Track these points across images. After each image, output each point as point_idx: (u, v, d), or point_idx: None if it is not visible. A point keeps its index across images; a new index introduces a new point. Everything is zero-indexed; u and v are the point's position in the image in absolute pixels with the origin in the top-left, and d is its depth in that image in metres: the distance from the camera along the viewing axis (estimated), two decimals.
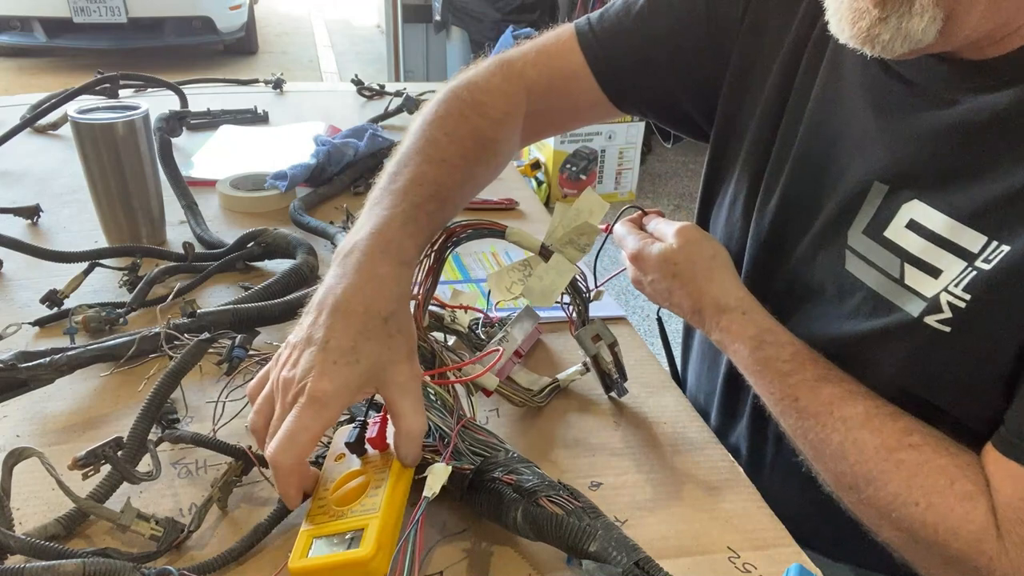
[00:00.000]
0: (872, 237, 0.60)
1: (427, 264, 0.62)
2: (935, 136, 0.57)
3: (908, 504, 0.54)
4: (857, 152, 0.62)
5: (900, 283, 0.58)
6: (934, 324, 0.55)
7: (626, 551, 0.45)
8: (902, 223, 0.58)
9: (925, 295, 0.56)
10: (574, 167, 3.27)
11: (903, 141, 0.59)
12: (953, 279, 0.54)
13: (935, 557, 0.54)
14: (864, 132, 0.62)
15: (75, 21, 4.73)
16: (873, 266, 0.60)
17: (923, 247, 0.57)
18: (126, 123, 0.89)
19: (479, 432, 0.55)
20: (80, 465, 0.51)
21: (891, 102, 0.60)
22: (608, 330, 0.68)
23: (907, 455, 0.54)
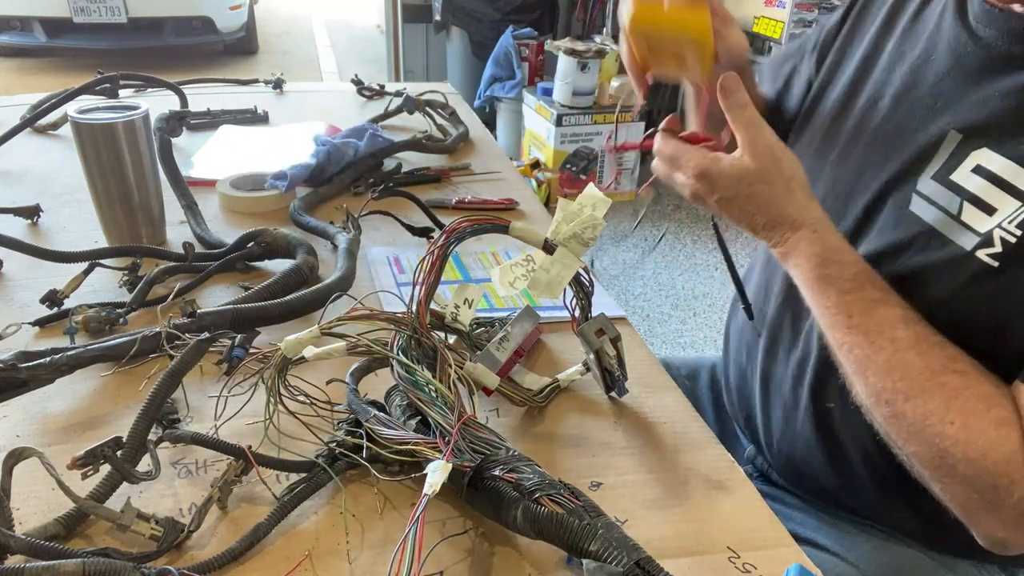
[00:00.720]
0: (939, 181, 0.64)
1: (429, 261, 0.62)
2: (1009, 93, 0.61)
3: (944, 422, 0.56)
4: (939, 108, 0.66)
5: (957, 219, 0.61)
6: (983, 258, 0.59)
7: (627, 550, 0.45)
8: (969, 168, 0.62)
9: (979, 230, 0.60)
10: (574, 167, 3.27)
11: (980, 97, 0.63)
12: (1007, 216, 0.58)
13: (957, 476, 0.56)
14: (947, 90, 0.66)
15: (75, 21, 4.73)
16: (935, 205, 0.64)
17: (983, 187, 0.60)
18: (126, 123, 0.89)
19: (480, 430, 0.55)
20: (79, 465, 0.51)
21: (971, 63, 0.65)
22: (611, 324, 0.68)
23: (950, 379, 0.57)
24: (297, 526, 0.55)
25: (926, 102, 0.68)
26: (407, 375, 0.60)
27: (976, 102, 0.64)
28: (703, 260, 2.94)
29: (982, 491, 0.55)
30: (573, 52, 3.09)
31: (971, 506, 0.57)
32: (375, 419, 0.59)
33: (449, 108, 1.45)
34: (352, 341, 0.61)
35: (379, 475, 0.58)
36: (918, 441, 0.58)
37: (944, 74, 0.67)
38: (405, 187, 1.09)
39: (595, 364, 0.69)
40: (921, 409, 0.57)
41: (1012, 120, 0.61)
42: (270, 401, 0.59)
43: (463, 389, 0.60)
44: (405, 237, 1.00)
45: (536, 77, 3.52)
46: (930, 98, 0.68)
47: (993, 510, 0.56)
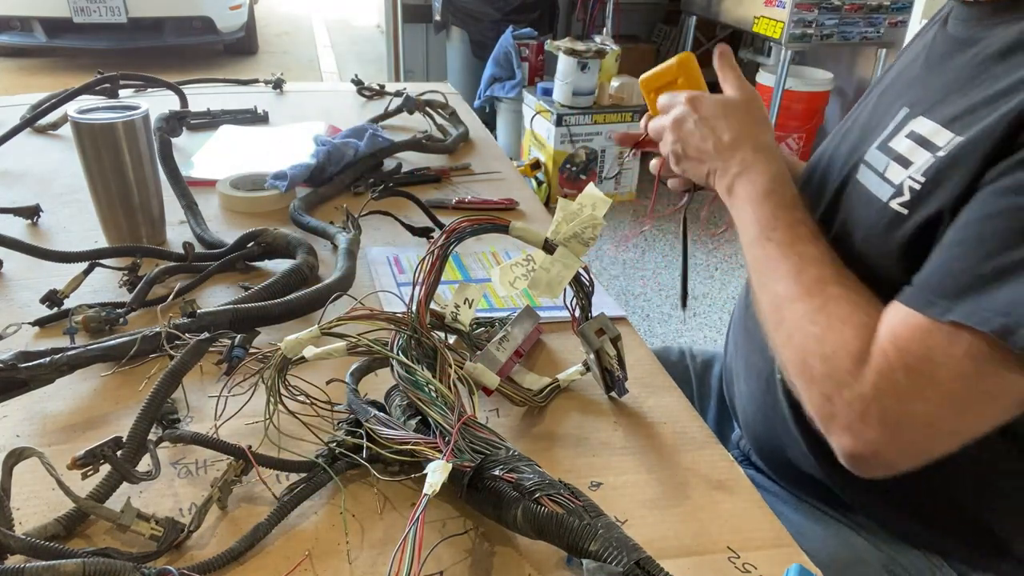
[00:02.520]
0: (879, 148, 0.69)
1: (430, 261, 0.62)
2: (953, 71, 0.66)
3: (814, 323, 0.60)
4: (902, 93, 0.72)
5: (882, 176, 0.66)
6: (896, 207, 0.63)
7: (627, 550, 0.45)
8: (904, 133, 0.67)
9: (894, 182, 0.64)
10: (574, 167, 3.27)
11: (931, 78, 0.69)
12: (918, 168, 0.62)
13: (815, 377, 0.59)
14: (912, 78, 0.72)
15: (75, 21, 4.73)
16: (872, 169, 0.69)
17: (908, 147, 0.65)
18: (126, 123, 0.89)
19: (480, 430, 0.55)
20: (79, 465, 0.51)
21: (937, 51, 0.70)
22: (611, 324, 0.68)
23: (833, 289, 0.62)
24: (297, 526, 0.55)
25: (894, 91, 0.74)
26: (407, 375, 0.60)
27: (928, 82, 0.69)
28: (703, 260, 2.94)
29: (825, 392, 0.58)
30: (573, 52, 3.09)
31: (824, 412, 0.59)
32: (375, 419, 0.59)
33: (449, 108, 1.45)
34: (352, 341, 0.61)
35: (379, 475, 0.58)
36: (791, 345, 0.62)
37: (916, 66, 0.73)
38: (405, 187, 1.09)
39: (595, 364, 0.69)
40: (799, 310, 0.62)
41: (947, 91, 0.65)
42: (270, 401, 0.59)
43: (463, 389, 0.60)
44: (405, 237, 1.00)
45: (536, 77, 3.52)
46: (897, 87, 0.74)
47: (836, 414, 0.58)
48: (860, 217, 0.68)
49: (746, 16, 3.41)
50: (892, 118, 0.70)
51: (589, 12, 4.08)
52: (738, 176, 0.72)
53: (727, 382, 0.91)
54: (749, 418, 0.84)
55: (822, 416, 0.59)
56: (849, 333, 0.58)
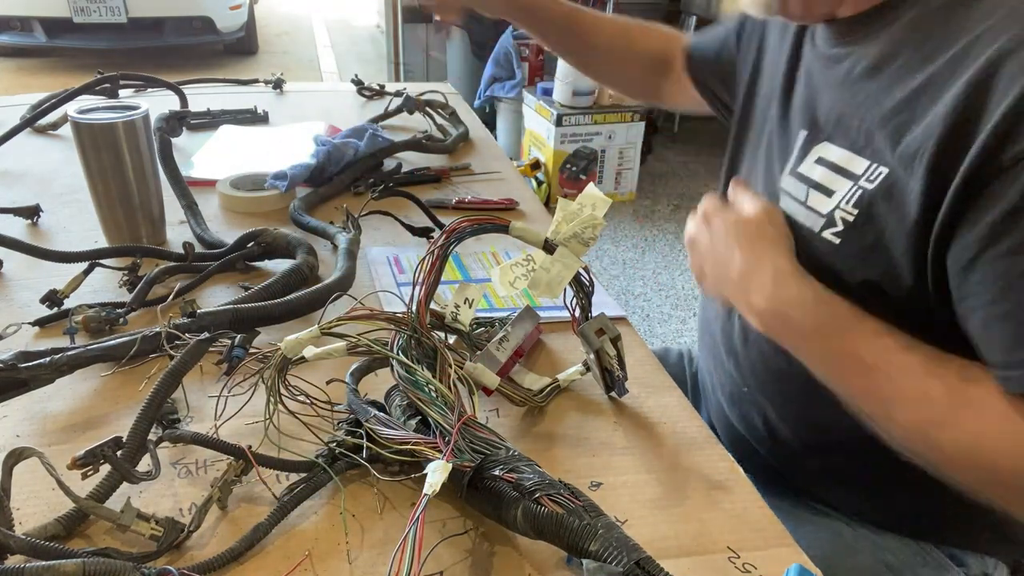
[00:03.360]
0: (793, 175, 0.72)
1: (430, 261, 0.62)
2: (834, 87, 0.69)
3: (977, 443, 0.54)
4: (794, 113, 0.75)
5: (804, 205, 0.69)
6: (828, 237, 0.66)
7: (627, 550, 0.45)
8: (812, 160, 0.70)
9: (822, 212, 0.67)
10: (574, 167, 3.27)
11: (818, 97, 0.72)
12: (843, 197, 0.65)
13: (1003, 485, 0.54)
14: (801, 97, 0.75)
15: (75, 21, 4.73)
16: (791, 197, 0.72)
17: (823, 175, 0.68)
18: (126, 123, 0.89)
19: (480, 430, 0.55)
20: (79, 465, 0.51)
21: (812, 70, 0.74)
22: (611, 324, 0.68)
23: (973, 392, 0.55)
24: (297, 526, 0.55)
25: (791, 111, 0.76)
26: (407, 375, 0.60)
27: (815, 102, 0.72)
28: None
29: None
30: None
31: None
32: (375, 419, 0.59)
33: (449, 108, 1.45)
34: (352, 341, 0.61)
35: (379, 475, 0.58)
36: (966, 466, 0.56)
37: (801, 84, 0.75)
38: (405, 187, 1.09)
39: (595, 364, 0.69)
40: (953, 436, 0.56)
41: (837, 114, 0.68)
42: (270, 401, 0.59)
43: (463, 389, 0.60)
44: (405, 237, 1.00)
45: (536, 77, 3.52)
46: (793, 107, 0.76)
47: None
48: (799, 248, 0.69)
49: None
50: (792, 141, 0.73)
51: None
52: (771, 315, 0.66)
53: (707, 376, 0.93)
54: (724, 411, 0.87)
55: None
56: (1011, 427, 0.53)
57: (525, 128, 3.50)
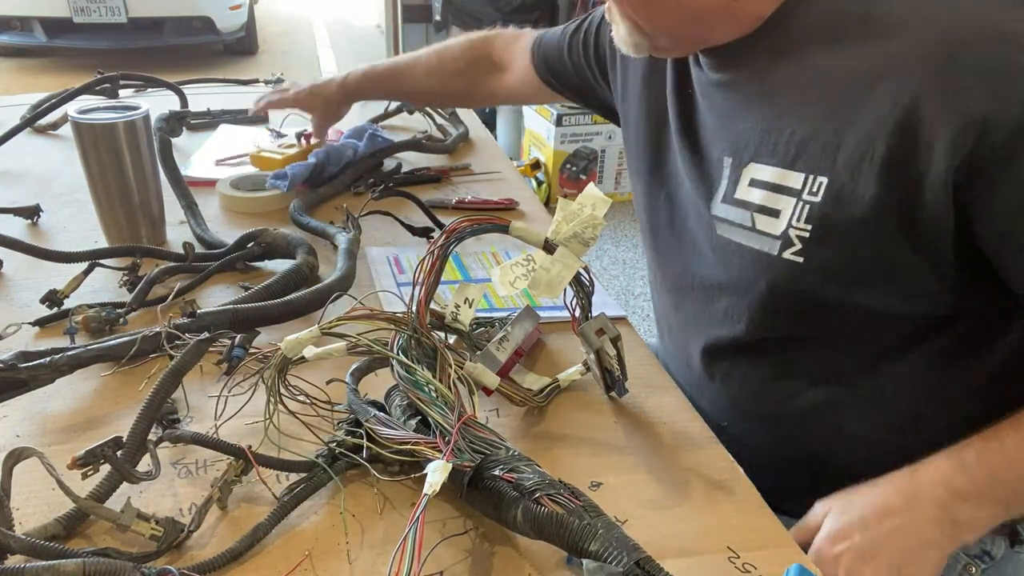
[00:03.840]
0: (728, 202, 0.71)
1: (430, 261, 0.62)
2: (744, 109, 0.70)
3: None
4: (708, 140, 0.75)
5: (754, 230, 0.69)
6: (790, 257, 0.66)
7: (627, 550, 0.45)
8: (746, 183, 0.69)
9: (774, 234, 0.67)
10: (574, 167, 3.27)
11: (732, 120, 0.71)
12: (792, 215, 0.65)
13: None
14: (707, 123, 0.75)
15: (75, 21, 4.73)
16: (734, 224, 0.71)
17: (764, 196, 0.68)
18: (126, 123, 0.89)
19: (480, 430, 0.55)
20: (79, 465, 0.51)
21: (711, 94, 0.74)
22: (611, 324, 0.68)
23: None
24: (297, 526, 0.55)
25: (701, 138, 0.75)
26: (407, 375, 0.60)
27: (730, 128, 0.71)
28: None
29: None
30: None
31: None
32: (375, 419, 0.59)
33: (449, 108, 1.45)
34: (352, 341, 0.61)
35: (379, 475, 0.58)
36: None
37: (704, 111, 0.75)
38: (405, 187, 1.09)
39: (595, 364, 0.69)
40: None
41: (757, 134, 0.68)
42: (270, 401, 0.59)
43: (463, 389, 0.60)
44: (405, 237, 1.00)
45: None
46: (702, 134, 0.75)
47: None
48: (753, 273, 0.69)
49: None
50: (716, 168, 0.73)
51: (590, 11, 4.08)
52: (972, 534, 0.63)
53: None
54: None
55: None
56: None
57: (525, 128, 3.50)
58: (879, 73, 0.59)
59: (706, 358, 0.80)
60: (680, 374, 0.84)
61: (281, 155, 1.17)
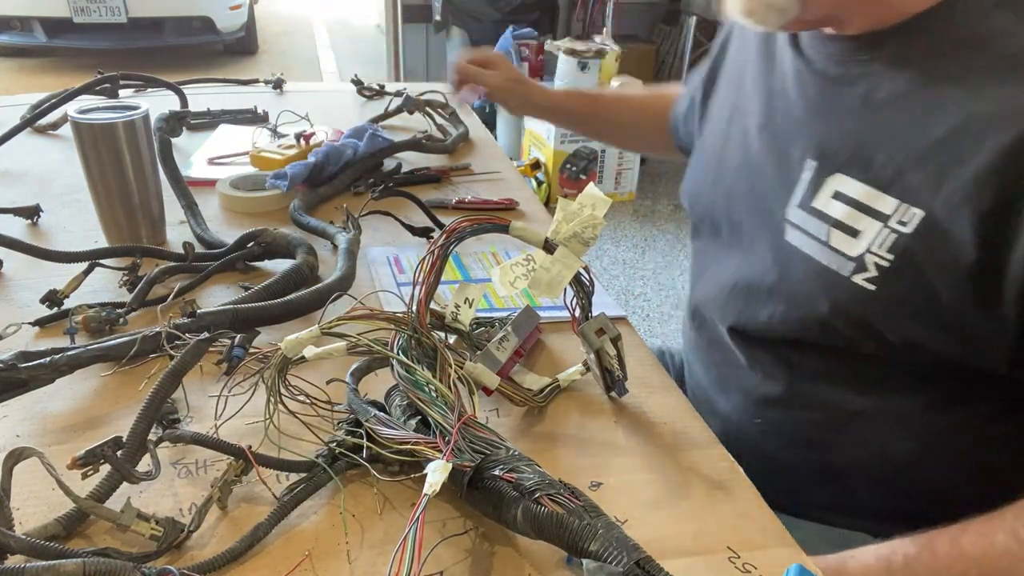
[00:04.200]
0: (804, 209, 0.68)
1: (430, 261, 0.62)
2: (848, 113, 0.65)
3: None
4: (793, 137, 0.71)
5: (827, 246, 0.65)
6: (861, 283, 0.63)
7: (627, 550, 0.45)
8: (828, 194, 0.66)
9: (850, 255, 0.63)
10: (574, 167, 3.27)
11: (826, 121, 0.67)
12: (874, 240, 0.62)
13: None
14: (798, 120, 0.71)
15: (75, 21, 4.73)
16: (806, 234, 0.68)
17: (846, 213, 0.64)
18: (126, 123, 0.89)
19: (480, 430, 0.55)
20: (79, 465, 0.51)
21: (811, 90, 0.69)
22: (611, 324, 0.68)
23: None
24: (297, 526, 0.55)
25: (783, 133, 0.72)
26: (407, 375, 0.60)
27: (821, 128, 0.67)
28: None
29: None
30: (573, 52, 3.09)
31: None
32: (375, 419, 0.59)
33: (449, 108, 1.45)
34: (352, 341, 0.61)
35: (379, 475, 0.58)
36: None
37: (793, 103, 0.71)
38: (405, 187, 1.09)
39: (595, 364, 0.69)
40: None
41: (853, 143, 0.64)
42: (270, 401, 0.59)
43: (463, 389, 0.60)
44: (405, 237, 1.00)
45: (536, 77, 3.52)
46: (785, 129, 0.72)
47: None
48: (815, 288, 0.66)
49: None
50: (798, 171, 0.69)
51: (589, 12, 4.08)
52: None
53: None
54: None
55: None
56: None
57: (525, 128, 3.50)
58: (1005, 122, 0.55)
59: (739, 339, 0.77)
60: (709, 357, 0.83)
61: (281, 155, 1.17)
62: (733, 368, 0.80)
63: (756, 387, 0.77)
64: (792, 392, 0.75)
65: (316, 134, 1.25)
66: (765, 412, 0.78)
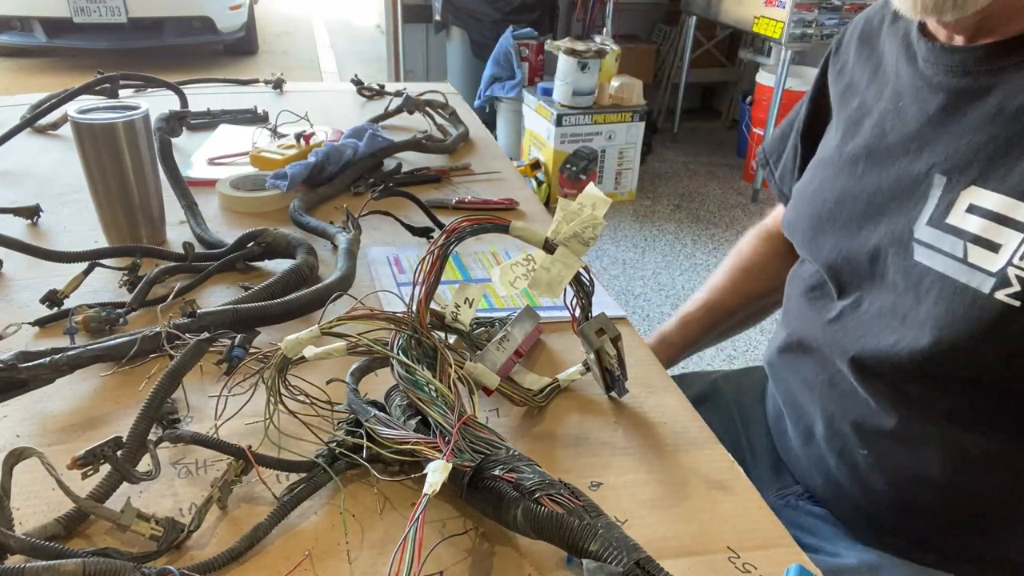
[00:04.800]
0: (936, 227, 0.64)
1: (430, 261, 0.62)
2: (979, 124, 0.62)
3: None
4: (915, 153, 0.67)
5: (965, 262, 0.61)
6: (1004, 299, 0.58)
7: (627, 550, 0.45)
8: (962, 208, 0.62)
9: (990, 270, 0.59)
10: (574, 167, 3.27)
11: (954, 134, 0.64)
12: (1016, 251, 0.57)
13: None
14: (920, 134, 0.67)
15: (75, 21, 4.73)
16: (939, 252, 0.63)
17: (983, 226, 0.60)
18: (126, 123, 0.89)
19: (480, 430, 0.55)
20: (79, 465, 0.51)
21: (933, 104, 0.66)
22: (612, 324, 0.68)
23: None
24: (297, 526, 0.55)
25: (901, 150, 0.69)
26: (407, 375, 0.60)
27: (949, 142, 0.64)
28: (703, 260, 2.94)
29: None
30: (573, 52, 3.09)
31: None
32: (375, 419, 0.59)
33: (449, 108, 1.45)
34: (352, 341, 0.61)
35: (379, 475, 0.58)
36: None
37: (912, 119, 0.68)
38: (405, 187, 1.09)
39: (595, 364, 0.69)
40: None
41: (987, 154, 0.61)
42: (270, 401, 0.59)
43: (463, 389, 0.60)
44: (405, 237, 1.00)
45: (536, 77, 3.52)
46: (903, 145, 0.69)
47: None
48: (949, 308, 0.62)
49: (746, 16, 3.41)
50: (926, 187, 0.65)
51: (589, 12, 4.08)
52: None
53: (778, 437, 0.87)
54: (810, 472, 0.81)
55: None
56: None
57: (525, 128, 3.51)
58: None
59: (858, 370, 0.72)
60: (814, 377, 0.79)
61: (281, 155, 1.17)
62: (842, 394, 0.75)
63: (869, 418, 0.72)
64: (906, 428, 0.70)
65: (316, 134, 1.25)
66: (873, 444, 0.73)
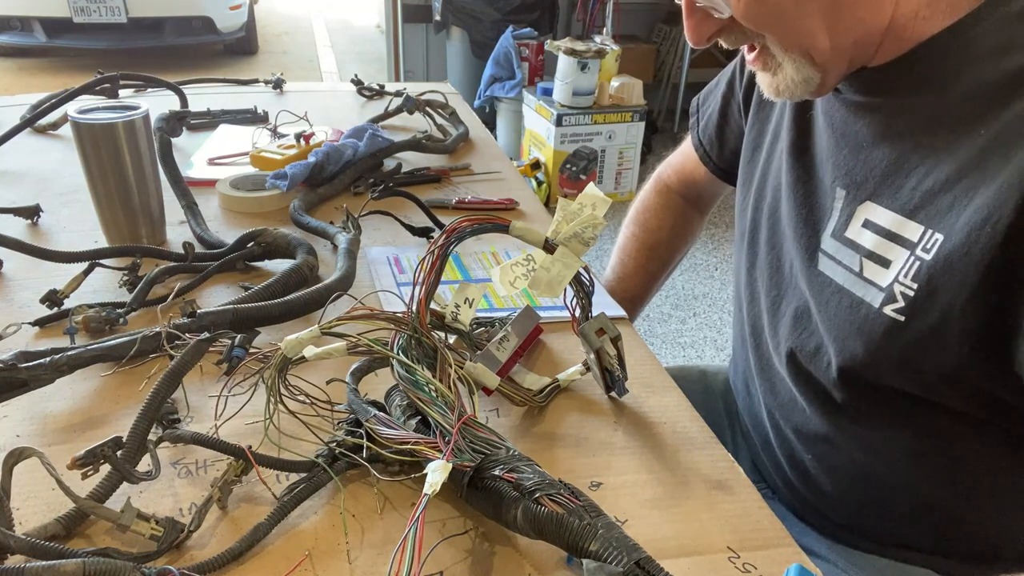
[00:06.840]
0: (838, 239, 0.67)
1: (430, 261, 0.62)
2: (869, 142, 0.64)
3: None
4: (824, 167, 0.69)
5: (860, 276, 0.64)
6: (891, 314, 0.61)
7: (627, 550, 0.45)
8: (859, 223, 0.64)
9: (881, 285, 0.62)
10: (574, 167, 3.27)
11: (850, 150, 0.66)
12: (901, 269, 0.60)
13: None
14: (827, 148, 0.69)
15: (75, 21, 4.73)
16: (840, 264, 0.66)
17: (876, 242, 0.63)
18: (126, 123, 0.89)
19: (480, 430, 0.55)
20: (79, 465, 0.51)
21: (839, 119, 0.68)
22: (612, 324, 0.68)
23: None
24: (297, 526, 0.55)
25: (816, 161, 0.71)
26: (407, 375, 0.60)
27: (848, 156, 0.66)
28: (703, 260, 2.94)
29: None
30: (573, 52, 3.09)
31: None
32: (375, 419, 0.59)
33: (449, 108, 1.45)
34: (352, 341, 0.61)
35: (379, 475, 0.58)
36: None
37: (821, 132, 0.70)
38: (405, 187, 1.09)
39: (595, 364, 0.69)
40: None
41: (880, 171, 0.63)
42: (270, 401, 0.59)
43: (463, 389, 0.60)
44: (405, 237, 1.00)
45: (536, 77, 3.52)
46: (817, 157, 0.70)
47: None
48: (845, 319, 0.64)
49: None
50: (830, 199, 0.67)
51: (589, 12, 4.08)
52: None
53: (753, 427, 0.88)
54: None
55: None
56: None
57: (525, 128, 3.50)
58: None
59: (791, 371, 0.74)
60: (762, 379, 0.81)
61: (281, 155, 1.17)
62: (782, 403, 0.77)
63: (806, 424, 0.74)
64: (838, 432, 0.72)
65: (316, 134, 1.25)
66: (814, 448, 0.75)
